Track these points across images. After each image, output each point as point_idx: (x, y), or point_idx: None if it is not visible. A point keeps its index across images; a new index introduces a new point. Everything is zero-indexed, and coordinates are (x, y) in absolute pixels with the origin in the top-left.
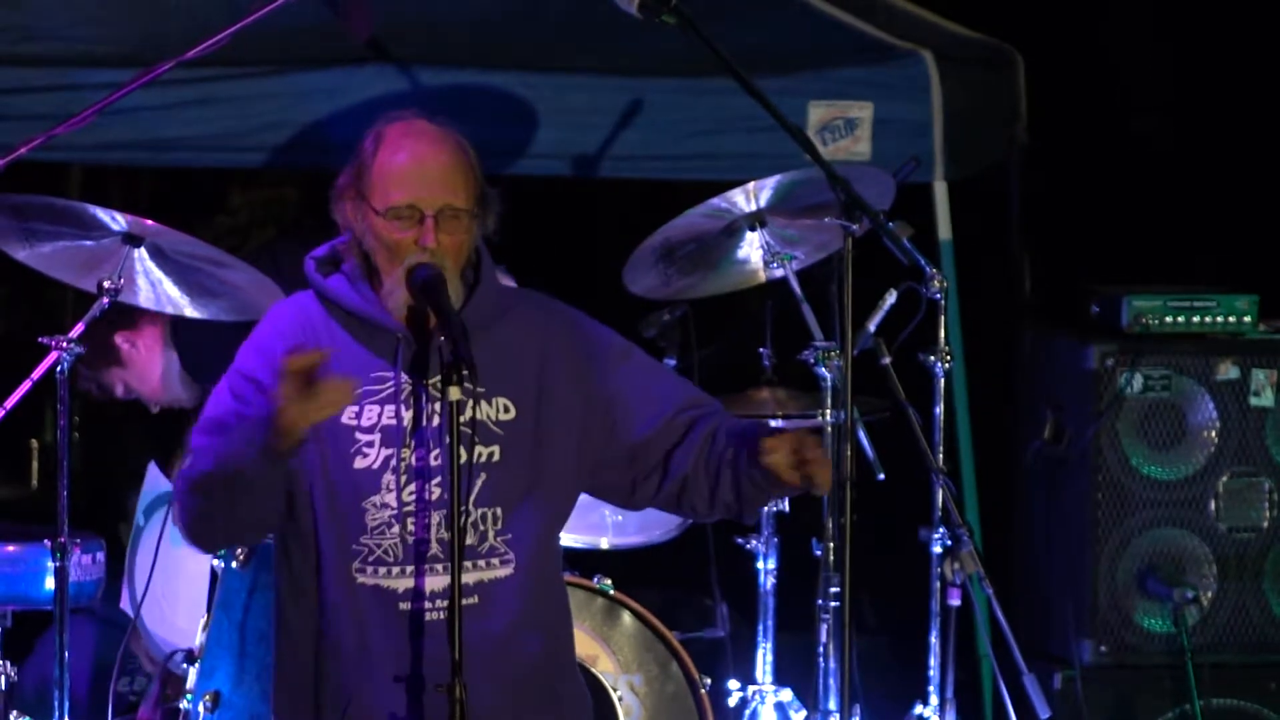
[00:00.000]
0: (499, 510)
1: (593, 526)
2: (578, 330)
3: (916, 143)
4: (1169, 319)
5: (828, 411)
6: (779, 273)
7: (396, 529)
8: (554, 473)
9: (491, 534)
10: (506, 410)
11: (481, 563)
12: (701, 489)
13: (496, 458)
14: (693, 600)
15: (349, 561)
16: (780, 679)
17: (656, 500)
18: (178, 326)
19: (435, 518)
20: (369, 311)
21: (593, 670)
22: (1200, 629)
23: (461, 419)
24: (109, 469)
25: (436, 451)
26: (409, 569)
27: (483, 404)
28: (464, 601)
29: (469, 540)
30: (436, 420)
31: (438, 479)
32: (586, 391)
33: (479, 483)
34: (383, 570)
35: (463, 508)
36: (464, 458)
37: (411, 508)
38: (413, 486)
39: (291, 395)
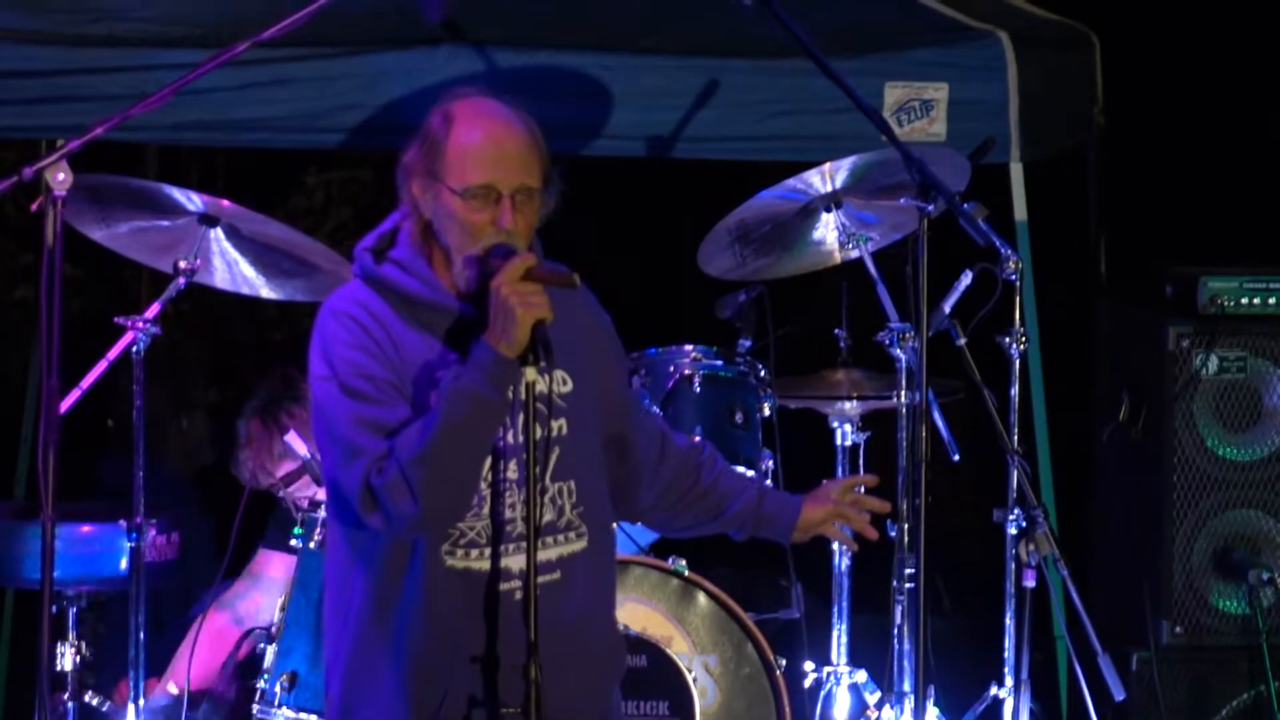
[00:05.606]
0: (573, 484)
1: None
2: (608, 326)
3: (992, 124)
4: (1245, 300)
5: (903, 392)
6: (854, 254)
7: (485, 509)
8: (603, 444)
9: (568, 508)
10: (565, 382)
11: (561, 537)
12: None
13: (565, 431)
14: (767, 581)
15: (439, 545)
16: (855, 660)
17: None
18: None
19: (520, 496)
20: (430, 296)
21: (667, 651)
22: (1276, 610)
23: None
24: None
25: (514, 430)
26: (497, 550)
27: (548, 378)
28: (548, 578)
29: (549, 516)
30: (511, 397)
31: (517, 457)
32: (608, 381)
33: (554, 457)
34: (474, 553)
35: (541, 484)
36: (540, 434)
37: (500, 488)
38: (498, 466)
39: (528, 289)
